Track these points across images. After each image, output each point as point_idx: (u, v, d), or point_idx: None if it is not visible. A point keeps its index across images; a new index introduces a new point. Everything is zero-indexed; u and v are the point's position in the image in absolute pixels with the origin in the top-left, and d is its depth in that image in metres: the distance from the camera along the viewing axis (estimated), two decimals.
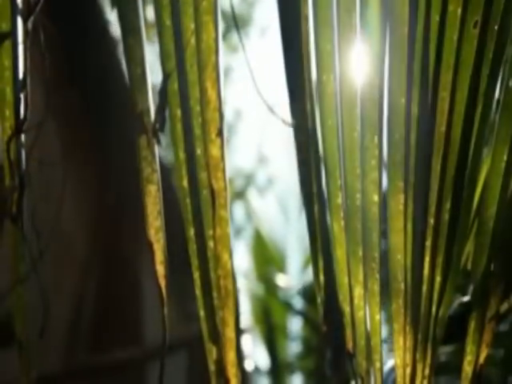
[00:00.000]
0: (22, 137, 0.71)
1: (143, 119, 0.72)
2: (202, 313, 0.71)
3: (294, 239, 3.66)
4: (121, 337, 2.47)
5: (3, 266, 0.73)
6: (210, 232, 0.70)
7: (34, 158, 0.72)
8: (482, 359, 0.93)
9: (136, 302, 2.57)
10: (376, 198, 0.83)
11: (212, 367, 0.71)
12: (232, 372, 0.68)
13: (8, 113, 0.71)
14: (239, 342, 0.69)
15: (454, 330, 0.97)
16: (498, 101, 0.88)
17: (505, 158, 0.88)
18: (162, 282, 0.73)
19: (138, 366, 2.45)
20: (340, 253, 0.84)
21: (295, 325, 3.44)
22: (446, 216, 0.87)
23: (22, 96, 0.72)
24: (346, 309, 0.85)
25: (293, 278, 3.58)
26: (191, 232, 0.72)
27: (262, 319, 3.38)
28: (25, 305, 0.71)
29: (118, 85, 2.55)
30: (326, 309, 0.77)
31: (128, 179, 2.65)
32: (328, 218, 0.84)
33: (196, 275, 0.72)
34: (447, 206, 0.87)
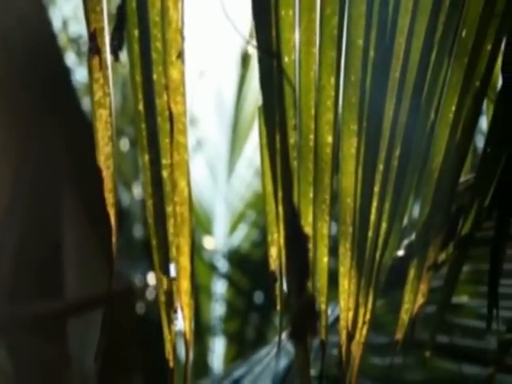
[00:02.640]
0: None
1: (96, 39, 0.69)
2: (153, 242, 0.69)
3: (221, 203, 3.65)
4: (41, 289, 2.42)
5: None
6: (167, 158, 0.68)
7: None
8: (416, 309, 0.94)
9: (57, 256, 2.51)
10: (330, 139, 0.83)
11: (162, 298, 0.69)
12: (185, 301, 0.67)
13: None
14: (194, 273, 0.68)
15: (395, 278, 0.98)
16: (451, 51, 0.89)
17: (453, 108, 0.89)
18: (111, 211, 0.70)
19: (59, 319, 2.41)
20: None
21: (219, 288, 3.45)
22: (395, 163, 0.87)
23: None
24: None
25: (219, 241, 3.58)
26: (146, 158, 0.69)
27: None
28: None
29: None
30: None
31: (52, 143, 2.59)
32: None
33: (149, 203, 0.70)
34: (397, 152, 0.87)
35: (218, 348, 3.34)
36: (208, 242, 3.51)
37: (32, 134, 2.57)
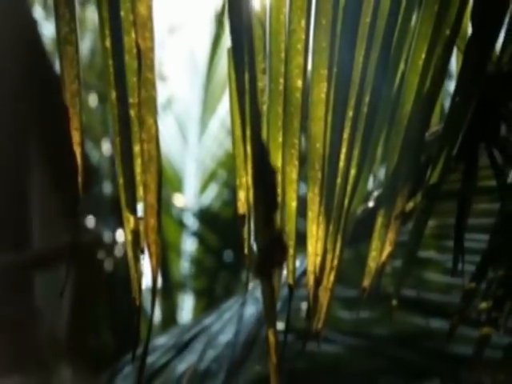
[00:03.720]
0: None
1: None
2: (120, 180, 0.68)
3: (192, 162, 3.63)
4: (6, 241, 2.40)
5: None
6: (135, 97, 0.67)
7: None
8: (384, 257, 0.95)
9: (23, 209, 2.49)
10: (300, 83, 0.82)
11: (129, 237, 0.69)
12: (152, 238, 0.67)
13: None
14: (160, 210, 0.67)
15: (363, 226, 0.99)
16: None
17: (423, 56, 0.89)
18: (78, 150, 0.70)
19: (24, 270, 2.40)
20: None
21: (189, 246, 3.45)
22: (364, 109, 0.87)
23: None
24: None
25: (189, 200, 3.57)
26: (113, 96, 0.68)
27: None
28: None
29: None
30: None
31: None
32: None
33: (117, 141, 0.69)
34: (366, 99, 0.87)
35: (187, 305, 3.35)
36: (178, 200, 3.50)
37: None
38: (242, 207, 0.79)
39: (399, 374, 1.51)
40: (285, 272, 0.83)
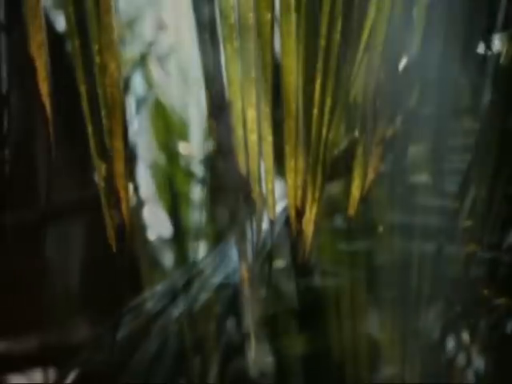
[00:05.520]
0: None
1: None
2: (89, 128, 0.69)
3: (195, 109, 3.63)
4: (15, 200, 2.43)
5: None
6: (96, 41, 0.68)
7: None
8: (368, 183, 0.96)
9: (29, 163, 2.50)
10: (269, 16, 0.82)
11: (102, 184, 0.70)
12: (121, 183, 0.68)
13: None
14: (128, 155, 0.68)
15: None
16: None
17: None
18: (46, 101, 0.70)
19: (35, 228, 2.43)
20: (233, 75, 0.83)
21: (198, 193, 3.47)
22: (337, 37, 0.86)
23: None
24: (239, 132, 0.85)
25: (195, 147, 3.57)
26: (76, 43, 0.69)
27: (165, 188, 3.39)
28: None
29: None
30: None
31: None
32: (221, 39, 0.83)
33: (82, 89, 0.69)
34: (338, 26, 0.86)
35: (201, 251, 3.39)
36: (184, 148, 3.51)
37: None
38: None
39: (404, 303, 1.53)
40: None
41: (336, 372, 1.48)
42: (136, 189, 3.10)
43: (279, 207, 1.24)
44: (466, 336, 0.93)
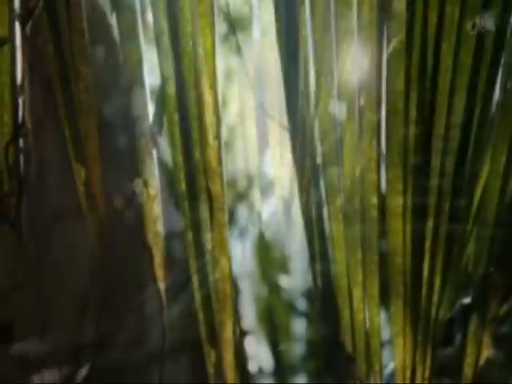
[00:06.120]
0: (20, 142, 0.71)
1: (141, 123, 0.73)
2: (200, 315, 0.71)
3: (297, 241, 3.65)
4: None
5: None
6: (209, 236, 0.70)
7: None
8: (482, 361, 0.93)
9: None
10: (375, 200, 0.83)
11: (211, 370, 0.71)
12: (230, 376, 0.69)
13: (6, 118, 0.71)
14: (238, 345, 0.69)
15: (455, 332, 0.97)
16: (497, 103, 0.88)
17: (504, 159, 0.88)
18: (162, 285, 0.73)
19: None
20: (339, 255, 0.84)
21: (299, 326, 3.43)
22: (445, 217, 0.86)
23: (20, 101, 0.72)
24: (346, 312, 0.85)
25: (296, 279, 3.57)
26: (190, 236, 0.72)
27: (266, 320, 3.37)
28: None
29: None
30: (324, 311, 0.77)
31: None
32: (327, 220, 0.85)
33: (195, 278, 0.72)
34: (446, 207, 0.87)
35: None
36: (285, 281, 3.51)
37: None
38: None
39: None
40: None
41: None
42: (238, 320, 3.11)
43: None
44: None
